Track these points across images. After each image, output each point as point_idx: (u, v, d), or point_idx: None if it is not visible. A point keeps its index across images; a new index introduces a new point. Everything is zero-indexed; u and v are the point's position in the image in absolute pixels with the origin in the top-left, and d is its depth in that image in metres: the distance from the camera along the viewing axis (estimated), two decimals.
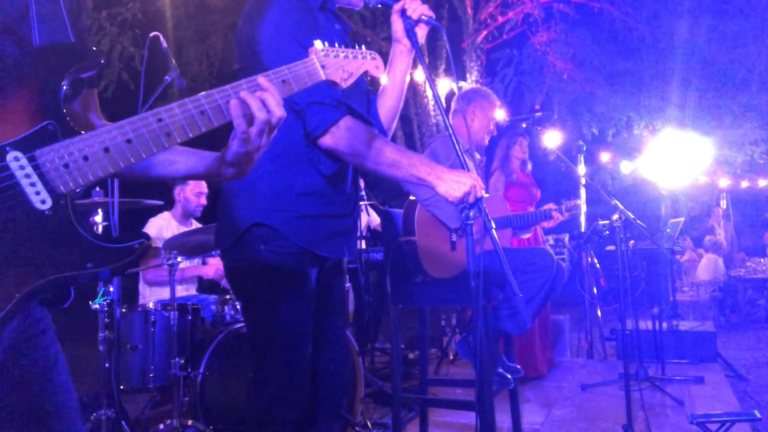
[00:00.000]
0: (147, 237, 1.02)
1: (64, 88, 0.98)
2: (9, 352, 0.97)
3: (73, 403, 1.07)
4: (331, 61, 1.25)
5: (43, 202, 0.93)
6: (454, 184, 1.65)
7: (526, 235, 4.22)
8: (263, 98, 1.07)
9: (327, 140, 1.64)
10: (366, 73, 1.36)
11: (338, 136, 1.63)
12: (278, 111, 1.08)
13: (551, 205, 3.29)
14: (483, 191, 1.69)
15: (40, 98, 0.96)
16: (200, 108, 1.04)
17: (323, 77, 1.23)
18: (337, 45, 1.28)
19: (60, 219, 0.95)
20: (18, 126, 0.93)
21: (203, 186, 3.98)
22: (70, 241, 0.96)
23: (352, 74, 1.30)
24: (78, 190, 0.98)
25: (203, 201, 3.99)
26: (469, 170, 1.70)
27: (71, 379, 1.08)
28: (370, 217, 5.31)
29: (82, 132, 0.98)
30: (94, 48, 1.06)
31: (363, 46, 1.37)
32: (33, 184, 0.93)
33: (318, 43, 1.25)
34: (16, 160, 0.92)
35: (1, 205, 0.90)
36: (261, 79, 1.10)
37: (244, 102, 1.06)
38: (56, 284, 0.95)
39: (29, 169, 0.93)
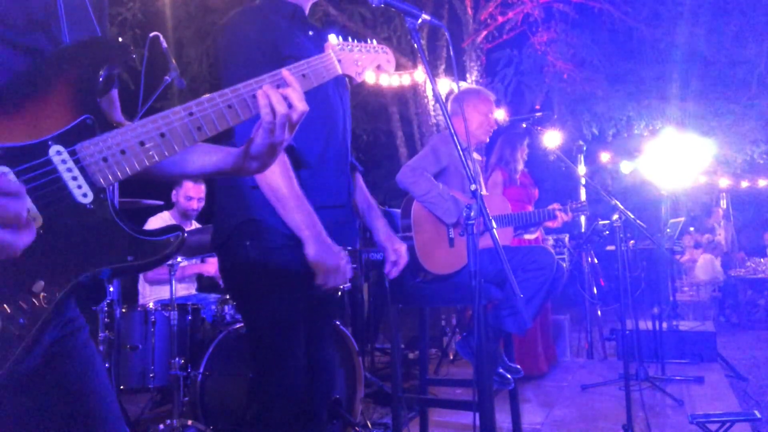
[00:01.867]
0: (182, 230, 1.03)
1: (100, 82, 0.98)
2: (49, 350, 0.97)
3: (115, 405, 1.06)
4: (346, 56, 1.30)
5: (85, 195, 0.94)
6: (324, 253, 1.60)
7: (532, 236, 4.20)
8: (285, 93, 1.09)
9: None
10: (378, 66, 1.39)
11: None
12: (300, 105, 1.09)
13: (556, 205, 3.26)
14: (483, 188, 1.67)
15: (77, 93, 0.96)
16: (227, 102, 1.06)
17: (340, 71, 1.27)
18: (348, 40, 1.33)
19: (101, 212, 0.96)
20: (57, 120, 0.94)
21: (191, 191, 3.94)
22: (111, 234, 0.96)
23: (366, 68, 1.35)
24: (114, 185, 0.98)
25: (193, 205, 3.95)
26: (470, 169, 1.70)
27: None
28: None
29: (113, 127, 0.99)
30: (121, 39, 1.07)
31: (374, 41, 1.41)
32: (75, 178, 0.93)
33: (333, 38, 1.30)
34: (58, 154, 0.92)
35: (46, 200, 0.90)
36: (285, 72, 1.12)
37: (268, 95, 1.08)
38: (98, 277, 0.96)
39: (71, 163, 0.93)
